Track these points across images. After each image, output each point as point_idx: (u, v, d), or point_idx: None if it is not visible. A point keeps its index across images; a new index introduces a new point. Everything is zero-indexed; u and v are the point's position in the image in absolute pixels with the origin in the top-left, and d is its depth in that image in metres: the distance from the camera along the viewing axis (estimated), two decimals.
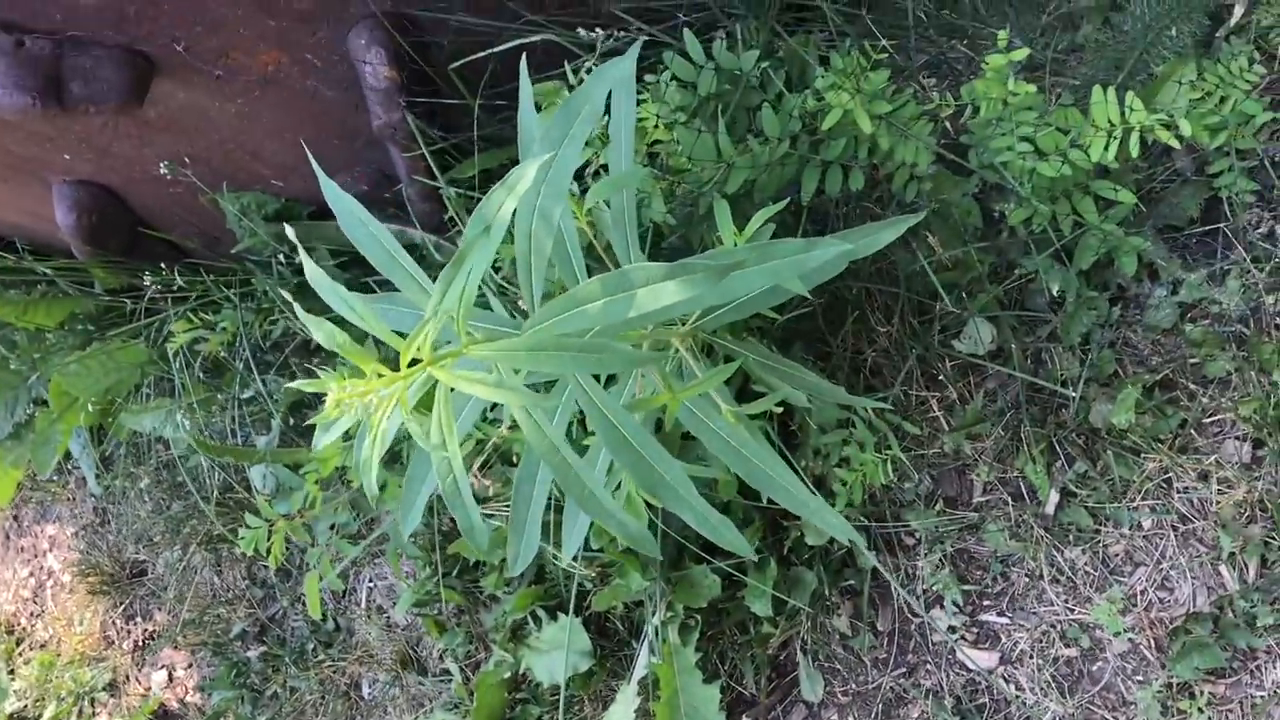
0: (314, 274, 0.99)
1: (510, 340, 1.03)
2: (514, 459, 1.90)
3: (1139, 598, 1.71)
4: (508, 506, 1.42)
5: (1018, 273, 1.77)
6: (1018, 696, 1.76)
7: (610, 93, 1.29)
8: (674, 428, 1.69)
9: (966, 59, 1.85)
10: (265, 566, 2.61)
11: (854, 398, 1.50)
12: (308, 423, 2.21)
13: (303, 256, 0.99)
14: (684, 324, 1.38)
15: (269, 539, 2.06)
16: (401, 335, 0.95)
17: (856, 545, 1.81)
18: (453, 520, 2.17)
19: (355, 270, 2.03)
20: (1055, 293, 1.74)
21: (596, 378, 1.19)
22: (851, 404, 1.72)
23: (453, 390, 1.01)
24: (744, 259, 1.07)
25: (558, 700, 2.06)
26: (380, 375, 0.91)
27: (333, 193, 1.09)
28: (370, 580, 2.44)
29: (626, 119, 1.32)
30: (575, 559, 1.92)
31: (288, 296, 1.04)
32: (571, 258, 1.27)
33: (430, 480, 1.25)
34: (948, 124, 1.75)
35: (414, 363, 0.95)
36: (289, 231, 0.99)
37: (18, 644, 3.15)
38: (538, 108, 1.43)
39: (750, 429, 1.32)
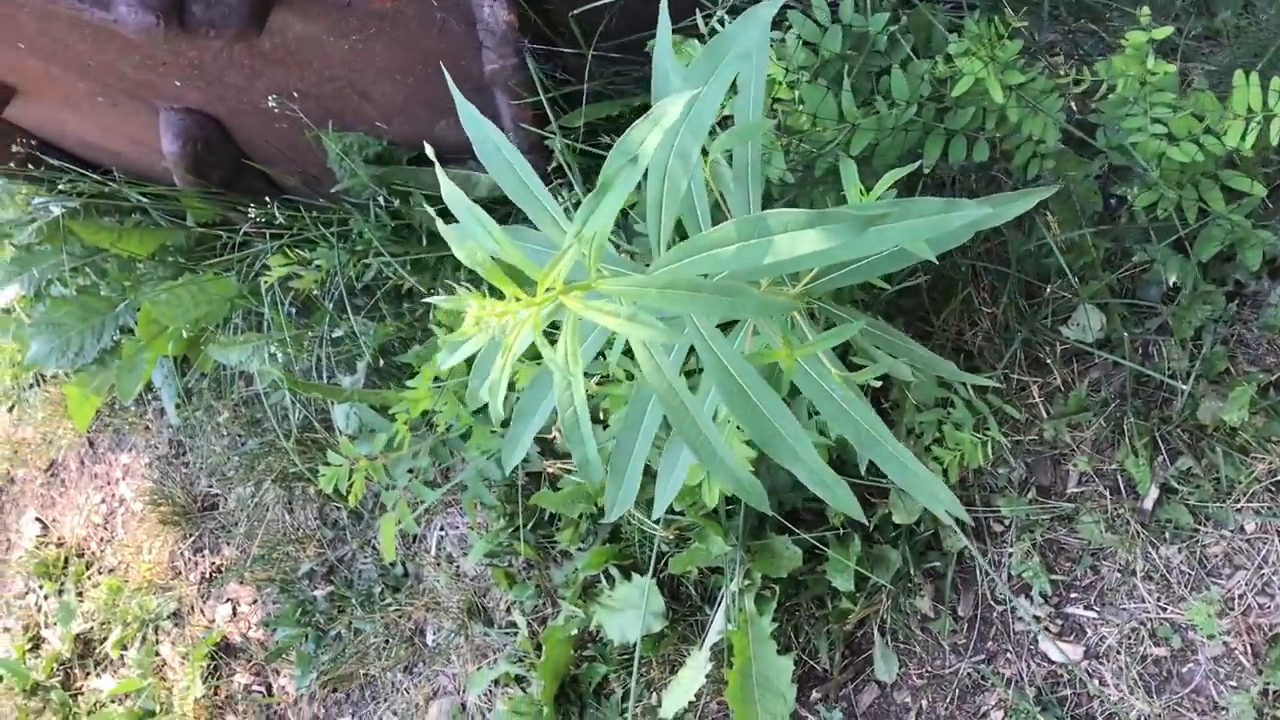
0: (450, 193, 0.98)
1: (642, 278, 1.01)
2: (599, 416, 1.89)
3: (1237, 601, 1.66)
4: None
5: (1133, 260, 1.72)
6: (1102, 692, 1.72)
7: None
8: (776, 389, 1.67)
9: (1095, 39, 1.80)
10: (338, 508, 2.63)
11: (962, 373, 1.46)
12: (411, 363, 2.22)
13: (439, 175, 0.98)
14: (795, 286, 1.36)
15: (349, 478, 2.07)
16: None
17: (962, 522, 1.78)
18: (529, 474, 2.17)
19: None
20: (1171, 284, 1.69)
21: (718, 326, 1.17)
22: (959, 380, 1.69)
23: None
24: (886, 213, 1.04)
25: (625, 659, 2.05)
26: (518, 299, 0.90)
27: (469, 114, 1.08)
28: (441, 529, 2.44)
29: (758, 68, 1.30)
30: (655, 520, 1.91)
31: (430, 210, 1.03)
32: (696, 206, 1.25)
33: (538, 418, 1.24)
34: (1073, 103, 1.70)
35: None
36: (428, 151, 0.98)
37: (87, 567, 3.20)
38: None
39: (859, 394, 1.30)
